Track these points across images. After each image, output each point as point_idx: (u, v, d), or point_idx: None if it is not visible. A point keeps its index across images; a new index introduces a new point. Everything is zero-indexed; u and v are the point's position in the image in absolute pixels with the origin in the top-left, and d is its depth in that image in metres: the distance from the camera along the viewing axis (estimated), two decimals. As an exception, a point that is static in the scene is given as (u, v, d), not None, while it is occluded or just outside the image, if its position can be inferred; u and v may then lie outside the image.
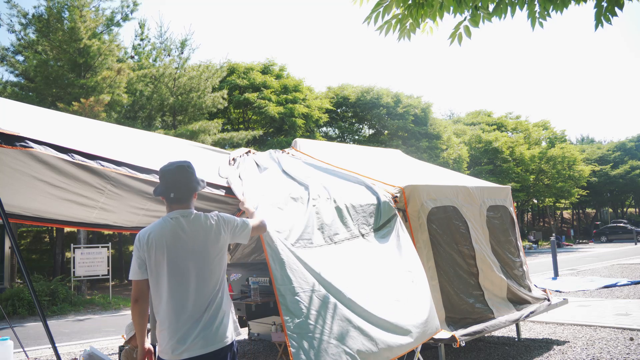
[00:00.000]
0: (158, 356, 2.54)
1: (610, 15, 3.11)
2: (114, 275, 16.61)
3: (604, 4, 3.09)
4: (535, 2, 3.26)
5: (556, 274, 13.70)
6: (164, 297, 2.50)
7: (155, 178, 3.47)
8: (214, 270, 2.59)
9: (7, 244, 15.02)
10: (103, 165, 3.29)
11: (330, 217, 4.15)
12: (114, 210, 5.00)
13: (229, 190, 3.83)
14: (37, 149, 3.02)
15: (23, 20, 16.40)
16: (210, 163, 4.55)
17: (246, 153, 5.13)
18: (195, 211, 2.65)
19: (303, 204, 4.08)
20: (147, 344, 2.62)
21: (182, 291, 2.50)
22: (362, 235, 4.34)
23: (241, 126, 22.96)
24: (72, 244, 14.06)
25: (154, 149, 4.63)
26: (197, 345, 2.44)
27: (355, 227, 4.33)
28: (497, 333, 6.80)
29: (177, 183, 2.61)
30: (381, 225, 4.57)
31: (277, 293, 3.27)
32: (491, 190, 6.37)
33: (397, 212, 4.79)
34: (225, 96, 18.95)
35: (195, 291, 2.51)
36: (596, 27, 3.18)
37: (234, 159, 4.74)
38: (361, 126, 27.98)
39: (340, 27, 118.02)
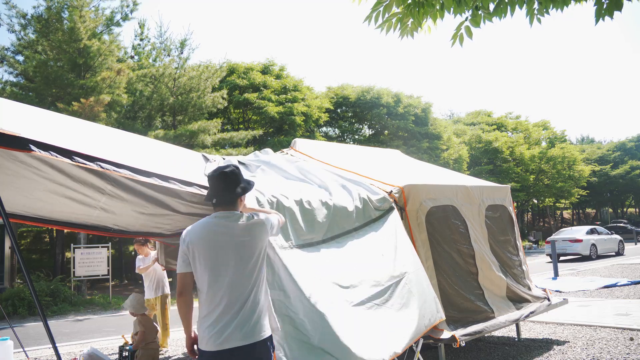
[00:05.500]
0: (198, 347, 2.68)
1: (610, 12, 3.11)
2: (114, 275, 16.61)
3: (604, 1, 3.09)
4: (535, 1, 3.26)
5: (556, 274, 13.71)
6: (204, 290, 2.67)
7: (155, 181, 3.52)
8: (252, 267, 2.72)
9: (7, 243, 15.02)
10: (103, 168, 3.29)
11: (321, 216, 4.16)
12: (114, 211, 5.00)
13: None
14: (38, 151, 3.02)
15: (22, 21, 16.40)
16: (198, 166, 4.61)
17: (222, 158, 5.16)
18: (238, 212, 2.80)
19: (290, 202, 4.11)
20: (193, 332, 2.77)
21: (219, 285, 2.65)
22: (354, 230, 4.39)
23: (241, 126, 22.95)
24: (72, 244, 14.07)
25: (152, 153, 4.64)
26: (235, 337, 2.57)
27: (344, 226, 4.35)
28: (497, 333, 6.79)
29: (218, 189, 2.79)
30: (374, 219, 4.60)
31: None
32: (490, 189, 6.37)
33: (394, 206, 4.80)
34: (225, 96, 18.94)
35: (231, 286, 2.65)
36: (596, 21, 3.18)
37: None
38: (361, 126, 27.97)
39: (340, 27, 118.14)
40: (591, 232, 20.87)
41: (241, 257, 2.70)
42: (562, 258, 20.60)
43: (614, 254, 21.53)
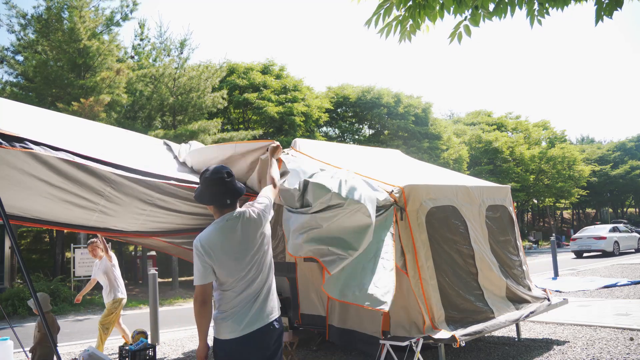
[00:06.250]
0: (218, 339, 2.78)
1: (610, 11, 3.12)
2: (114, 276, 16.56)
3: (605, 0, 3.09)
4: (535, 1, 3.26)
5: (556, 274, 13.71)
6: (228, 288, 2.79)
7: (157, 181, 3.52)
8: (264, 256, 2.92)
9: (7, 244, 15.02)
10: (103, 166, 3.29)
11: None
12: (113, 214, 5.00)
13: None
14: (37, 150, 3.02)
15: (22, 21, 16.39)
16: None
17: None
18: (239, 209, 2.91)
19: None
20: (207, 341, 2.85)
21: (242, 282, 2.80)
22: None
23: (241, 126, 22.94)
24: (72, 244, 14.06)
25: (152, 152, 4.63)
26: (257, 321, 2.79)
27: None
28: (497, 333, 6.79)
29: (228, 190, 2.85)
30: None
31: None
32: (490, 189, 6.36)
33: (392, 208, 4.81)
34: (225, 96, 18.92)
35: (253, 279, 2.83)
36: (596, 22, 3.19)
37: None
38: (361, 126, 27.97)
39: (341, 27, 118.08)
40: (613, 229, 21.94)
41: (257, 251, 2.86)
42: (585, 255, 21.69)
43: (633, 250, 22.26)
